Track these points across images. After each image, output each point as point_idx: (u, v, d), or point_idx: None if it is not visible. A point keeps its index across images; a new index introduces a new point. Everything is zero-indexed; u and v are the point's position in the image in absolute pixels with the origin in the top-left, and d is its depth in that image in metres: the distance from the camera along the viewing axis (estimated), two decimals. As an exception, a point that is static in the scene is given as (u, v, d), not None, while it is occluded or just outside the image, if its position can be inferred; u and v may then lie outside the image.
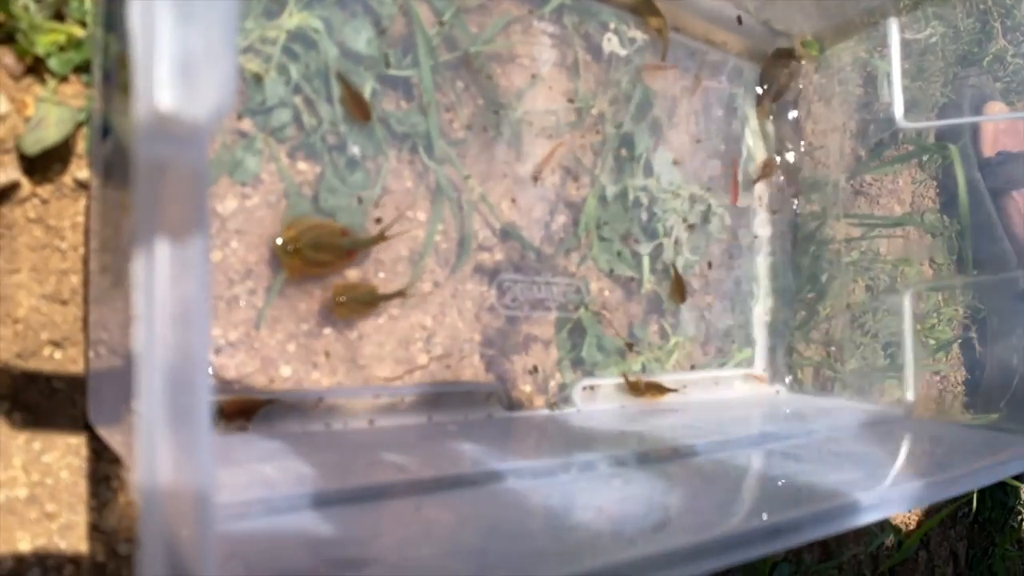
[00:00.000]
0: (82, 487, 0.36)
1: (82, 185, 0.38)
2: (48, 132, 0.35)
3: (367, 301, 0.45)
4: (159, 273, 0.20)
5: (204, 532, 0.19)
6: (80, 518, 0.36)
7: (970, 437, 0.56)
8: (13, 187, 0.36)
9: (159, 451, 0.19)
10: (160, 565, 0.19)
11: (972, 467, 0.47)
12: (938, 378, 0.97)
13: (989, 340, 0.92)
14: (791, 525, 0.33)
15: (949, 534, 1.03)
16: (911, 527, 0.92)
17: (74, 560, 0.36)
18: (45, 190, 0.37)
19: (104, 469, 0.37)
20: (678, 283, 0.59)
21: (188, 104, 0.20)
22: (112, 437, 0.34)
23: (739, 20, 0.66)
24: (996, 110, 0.89)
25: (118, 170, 0.34)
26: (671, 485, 0.38)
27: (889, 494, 0.37)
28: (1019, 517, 1.19)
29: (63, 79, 0.37)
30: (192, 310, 0.20)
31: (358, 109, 0.45)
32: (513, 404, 0.51)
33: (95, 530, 0.37)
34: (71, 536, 0.36)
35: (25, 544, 0.35)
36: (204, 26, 0.19)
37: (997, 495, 1.06)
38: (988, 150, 0.93)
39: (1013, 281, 0.79)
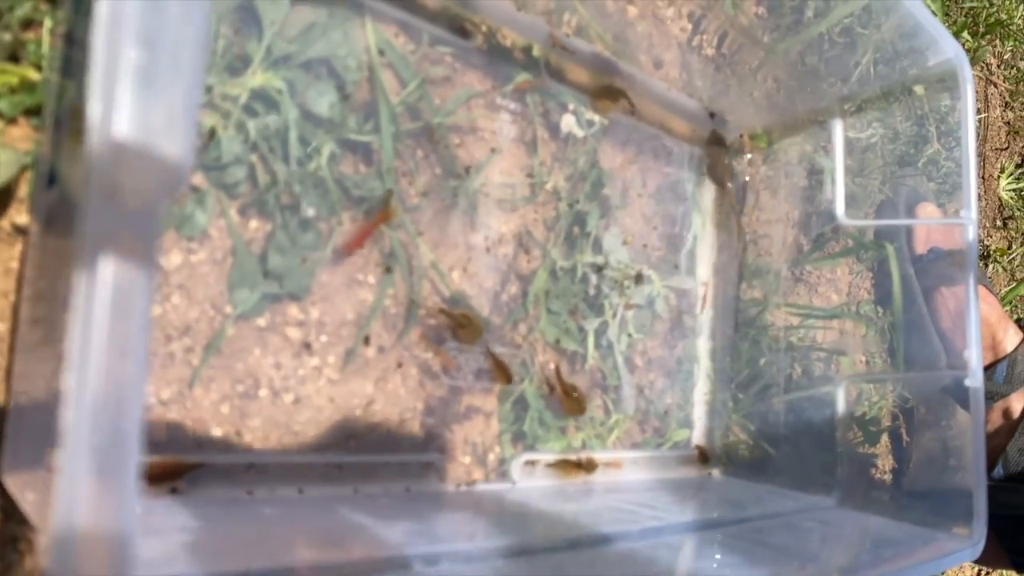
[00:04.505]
0: (-14, 548, 0.34)
1: (20, 231, 0.36)
2: (-10, 174, 0.34)
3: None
4: (98, 305, 0.19)
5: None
6: (-19, 582, 0.34)
7: (894, 531, 0.57)
8: (-54, 227, 0.34)
9: (79, 503, 0.18)
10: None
11: (894, 565, 0.48)
12: (873, 469, 0.99)
13: (916, 430, 0.94)
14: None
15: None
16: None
17: (-31, 628, 0.34)
18: (-20, 232, 0.35)
19: (12, 530, 0.35)
20: (565, 393, 0.55)
21: (141, 178, 0.19)
22: (23, 496, 0.33)
23: (711, 115, 0.69)
24: (928, 210, 0.93)
25: (62, 220, 0.33)
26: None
27: None
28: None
29: (11, 121, 0.36)
30: (130, 347, 0.19)
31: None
32: (450, 477, 0.50)
33: (-4, 595, 0.34)
34: (-32, 601, 0.34)
35: (-84, 608, 0.33)
36: (167, 100, 0.19)
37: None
38: (920, 247, 0.97)
39: (958, 387, 0.82)
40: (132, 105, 0.18)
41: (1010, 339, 0.86)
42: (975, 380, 0.57)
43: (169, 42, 0.19)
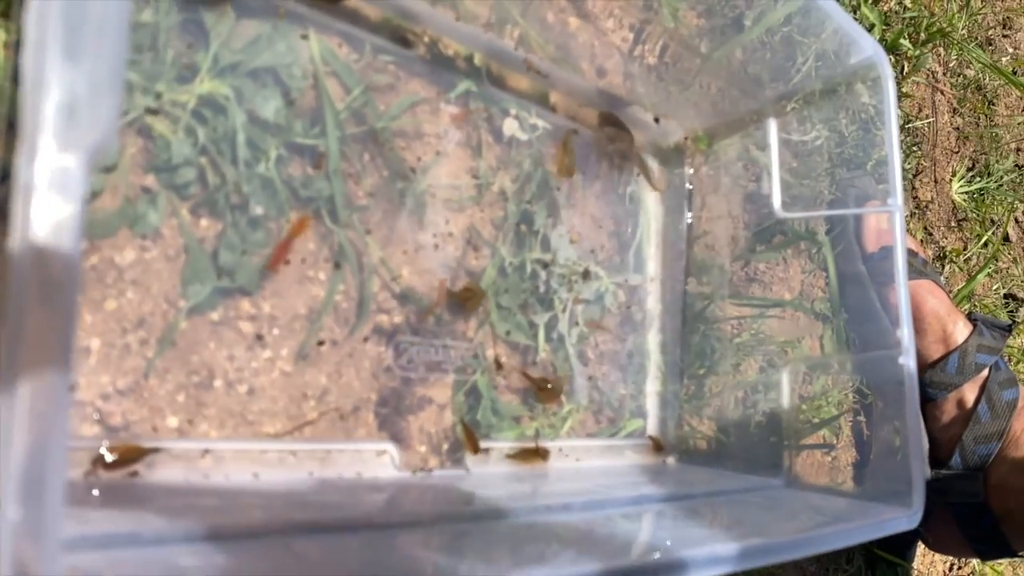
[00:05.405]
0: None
1: (-22, 229, 0.38)
2: (-52, 176, 0.37)
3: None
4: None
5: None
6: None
7: (840, 504, 0.59)
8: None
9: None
10: None
11: (834, 528, 0.50)
12: (829, 458, 1.02)
13: (875, 423, 0.97)
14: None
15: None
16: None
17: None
18: (-60, 232, 0.38)
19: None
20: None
21: (70, 143, 0.22)
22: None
23: (656, 120, 0.72)
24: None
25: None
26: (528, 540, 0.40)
27: (725, 550, 0.39)
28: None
29: (-31, 127, 0.38)
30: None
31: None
32: (405, 464, 0.52)
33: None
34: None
35: None
36: (90, 67, 0.22)
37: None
38: (871, 246, 1.00)
39: (896, 366, 0.84)
40: (57, 76, 0.21)
41: (960, 331, 0.88)
42: (907, 358, 0.60)
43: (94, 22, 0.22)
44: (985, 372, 0.87)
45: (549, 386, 0.59)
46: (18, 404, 0.20)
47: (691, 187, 0.73)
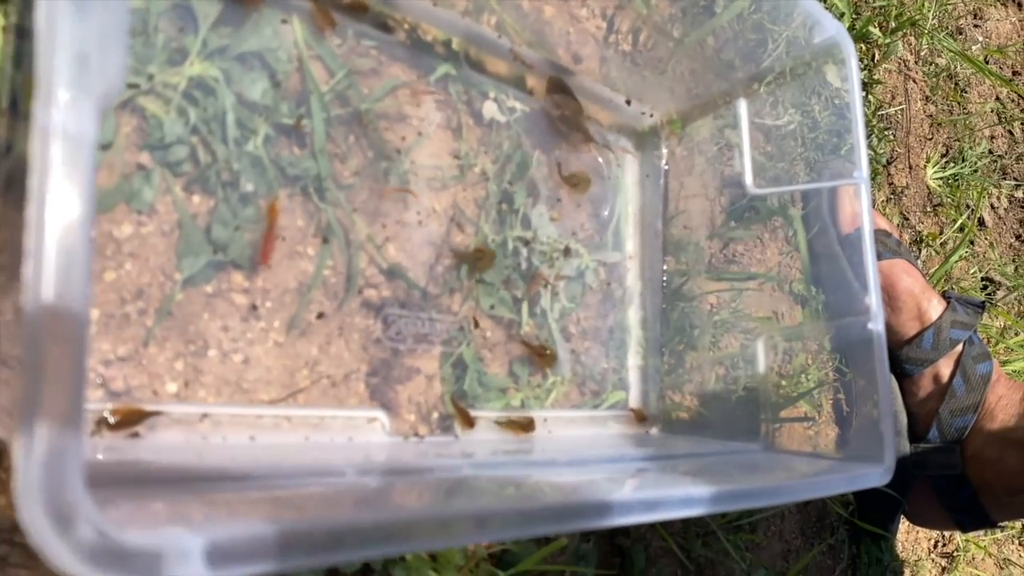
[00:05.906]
0: (-40, 485, 0.38)
1: (-18, 203, 0.40)
2: (-47, 151, 0.38)
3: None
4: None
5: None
6: (-44, 516, 0.37)
7: (818, 464, 0.62)
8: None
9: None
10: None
11: (808, 480, 0.52)
12: (811, 433, 1.04)
13: (855, 401, 0.99)
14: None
15: (830, 590, 1.08)
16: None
17: (-54, 557, 0.37)
18: (-55, 206, 0.40)
19: (-16, 471, 0.39)
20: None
21: (83, 89, 0.24)
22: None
23: (628, 102, 0.75)
24: (850, 192, 0.99)
25: (17, 184, 0.37)
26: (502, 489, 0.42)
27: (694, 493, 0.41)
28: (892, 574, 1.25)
29: (-29, 107, 0.40)
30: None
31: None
32: (396, 431, 0.54)
33: (-30, 529, 0.38)
34: (-55, 534, 0.37)
35: None
36: (98, 22, 0.24)
37: (873, 552, 1.12)
38: (847, 228, 1.03)
39: (865, 331, 0.87)
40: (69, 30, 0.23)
41: (934, 308, 0.91)
42: (877, 324, 0.63)
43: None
44: (959, 347, 0.89)
45: (547, 352, 0.61)
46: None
47: (667, 168, 0.75)
